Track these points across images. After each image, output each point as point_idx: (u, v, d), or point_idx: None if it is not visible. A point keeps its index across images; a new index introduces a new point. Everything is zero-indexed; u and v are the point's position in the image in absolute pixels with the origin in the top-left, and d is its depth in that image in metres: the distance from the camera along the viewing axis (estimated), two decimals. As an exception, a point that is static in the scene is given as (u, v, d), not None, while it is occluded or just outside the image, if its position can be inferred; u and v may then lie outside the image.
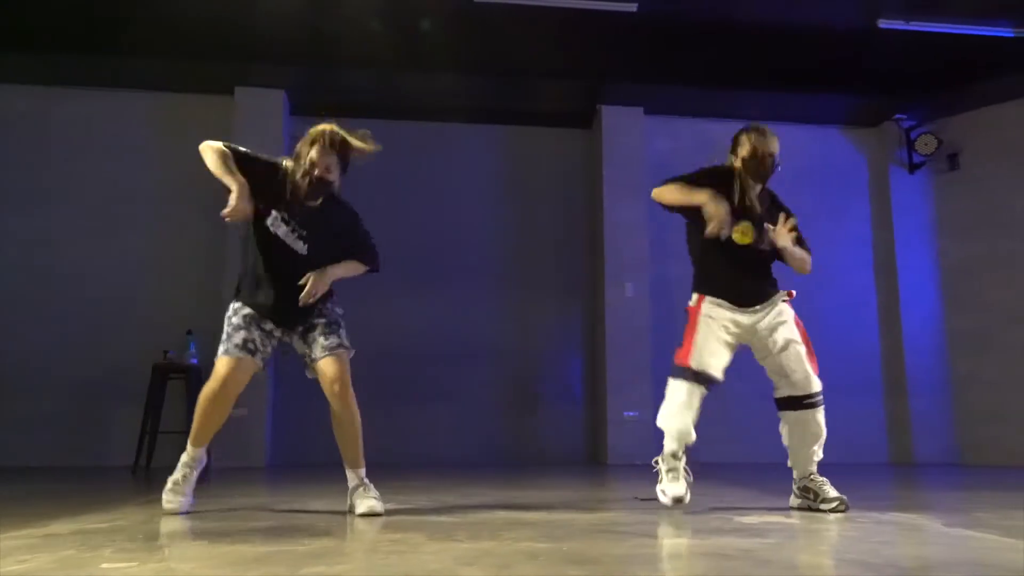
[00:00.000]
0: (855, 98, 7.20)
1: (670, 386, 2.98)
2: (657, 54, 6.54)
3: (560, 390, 7.10)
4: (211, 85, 6.79)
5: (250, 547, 2.00)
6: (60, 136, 6.71)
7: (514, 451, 6.85)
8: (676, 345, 3.05)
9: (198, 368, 5.85)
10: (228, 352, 2.78)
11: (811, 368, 2.94)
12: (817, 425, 2.93)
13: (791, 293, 3.07)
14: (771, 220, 3.00)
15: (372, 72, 6.67)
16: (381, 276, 6.64)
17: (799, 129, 7.43)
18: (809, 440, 2.94)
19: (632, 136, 7.21)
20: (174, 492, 2.80)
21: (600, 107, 7.25)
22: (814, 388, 2.93)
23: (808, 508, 2.89)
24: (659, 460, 2.98)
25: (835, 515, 2.73)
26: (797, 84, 6.91)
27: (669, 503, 2.85)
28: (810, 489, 2.91)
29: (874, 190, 7.60)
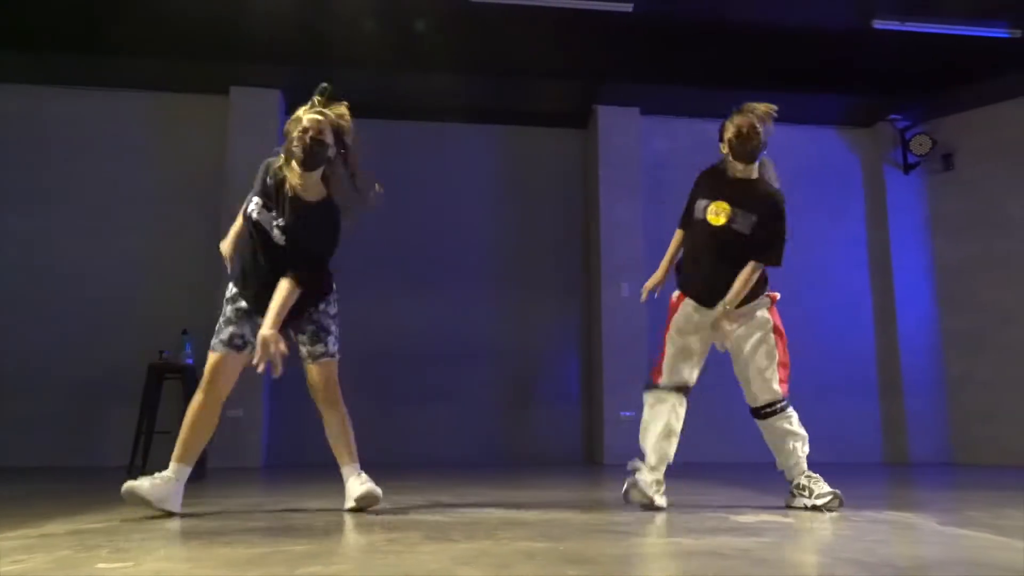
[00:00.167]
0: (850, 98, 7.22)
1: (647, 404, 3.05)
2: (653, 54, 6.55)
3: (557, 390, 7.11)
4: (207, 85, 6.78)
5: (246, 547, 1.99)
6: (55, 136, 6.69)
7: (511, 451, 6.85)
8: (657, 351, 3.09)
9: (193, 368, 5.83)
10: (214, 348, 2.83)
11: (772, 379, 2.92)
12: (783, 431, 2.94)
13: (774, 296, 3.04)
14: (756, 211, 2.99)
15: (368, 72, 6.66)
16: (377, 276, 6.74)
17: (794, 129, 7.45)
18: (785, 444, 2.95)
19: (628, 136, 7.21)
20: (142, 483, 2.60)
21: (596, 107, 7.25)
22: (765, 400, 2.93)
23: (804, 506, 2.89)
24: (637, 464, 3.01)
25: (830, 514, 2.73)
26: (792, 84, 6.92)
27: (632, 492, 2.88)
28: (804, 486, 2.92)
29: (869, 190, 7.62)
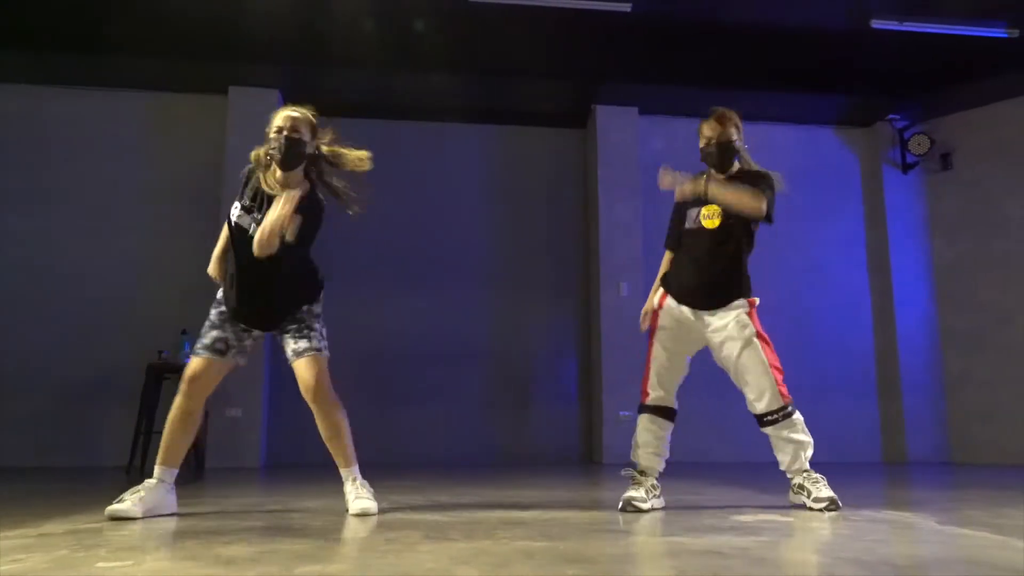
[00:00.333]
0: (848, 98, 7.23)
1: (639, 420, 3.05)
2: (651, 54, 6.56)
3: (555, 390, 7.11)
4: (206, 85, 6.78)
5: (245, 546, 1.99)
6: (55, 136, 6.69)
7: (510, 451, 6.85)
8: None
9: (192, 368, 5.83)
10: (196, 352, 2.81)
11: (769, 386, 2.89)
12: (785, 439, 2.92)
13: (752, 301, 3.01)
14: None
15: (368, 72, 6.66)
16: (375, 276, 6.73)
17: (793, 129, 7.47)
18: (788, 449, 2.94)
19: (627, 136, 7.21)
20: (124, 497, 2.61)
21: (594, 107, 7.25)
22: (767, 408, 2.90)
23: (803, 506, 2.90)
24: (631, 472, 3.01)
25: (829, 513, 2.74)
26: (790, 84, 6.93)
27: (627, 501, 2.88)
28: (804, 487, 2.92)
29: (867, 190, 7.63)
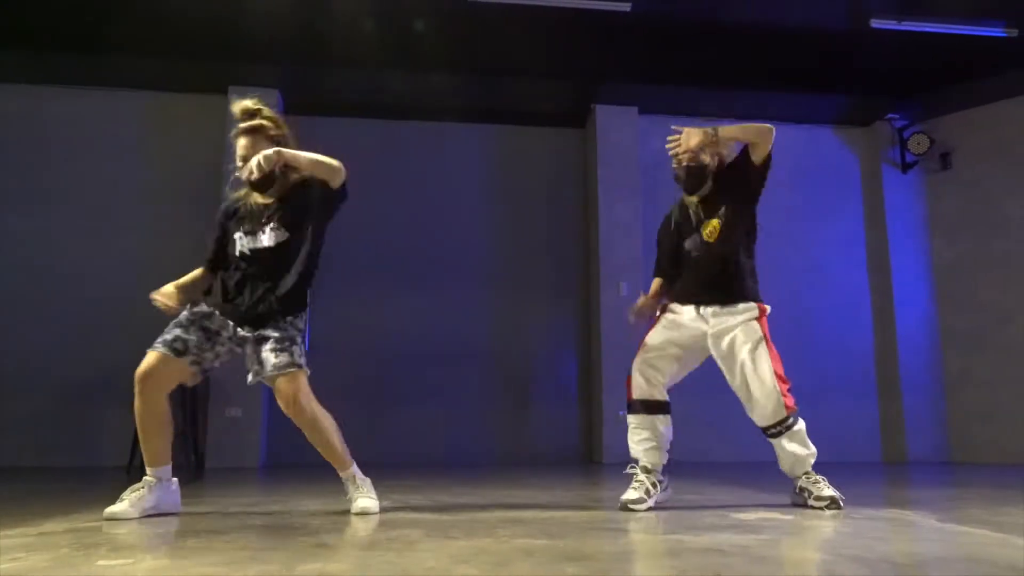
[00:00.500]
0: (848, 97, 7.23)
1: (629, 420, 3.04)
2: (651, 54, 6.56)
3: (555, 390, 7.11)
4: (206, 85, 6.77)
5: (246, 545, 1.99)
6: (55, 135, 6.69)
7: (510, 450, 6.85)
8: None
9: (192, 368, 5.83)
10: (153, 347, 2.74)
11: (774, 396, 2.86)
12: (787, 450, 2.91)
13: (764, 309, 2.98)
14: (728, 193, 3.04)
15: (367, 72, 6.66)
16: (375, 276, 6.73)
17: (792, 129, 7.45)
18: (789, 459, 2.94)
19: (626, 135, 7.21)
20: (124, 497, 2.64)
21: (594, 106, 7.25)
22: (772, 420, 2.89)
23: (804, 505, 2.90)
24: (634, 469, 3.01)
25: (830, 511, 2.74)
26: (790, 83, 6.93)
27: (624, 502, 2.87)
28: (805, 488, 2.91)
29: (867, 189, 7.63)
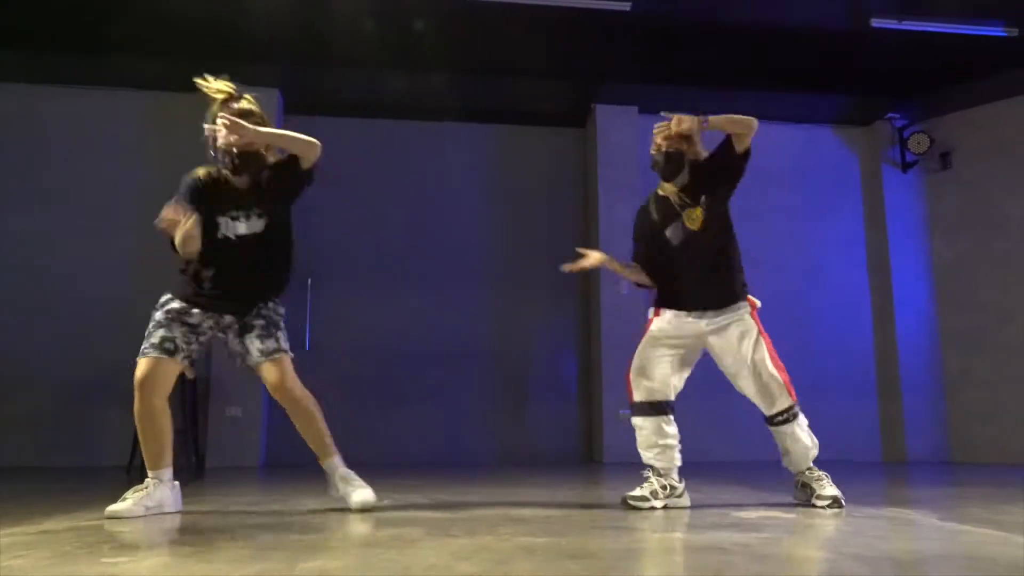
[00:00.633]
0: (848, 97, 7.22)
1: (634, 424, 3.03)
2: (651, 53, 6.55)
3: (555, 389, 7.10)
4: (205, 84, 6.77)
5: (247, 543, 1.99)
6: (55, 135, 6.68)
7: (510, 450, 6.85)
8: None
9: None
10: (144, 353, 2.70)
11: (776, 387, 2.88)
12: (791, 439, 2.91)
13: (753, 303, 3.00)
14: (705, 190, 3.08)
15: (366, 71, 6.65)
16: (375, 276, 6.73)
17: (792, 128, 7.47)
18: (792, 449, 2.94)
19: (626, 135, 7.20)
20: (127, 496, 2.65)
21: (594, 106, 7.25)
22: (779, 407, 2.90)
23: (806, 503, 2.90)
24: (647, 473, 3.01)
25: (831, 510, 2.74)
26: (790, 83, 6.92)
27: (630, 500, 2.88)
28: (808, 485, 2.92)
29: (867, 189, 7.62)
